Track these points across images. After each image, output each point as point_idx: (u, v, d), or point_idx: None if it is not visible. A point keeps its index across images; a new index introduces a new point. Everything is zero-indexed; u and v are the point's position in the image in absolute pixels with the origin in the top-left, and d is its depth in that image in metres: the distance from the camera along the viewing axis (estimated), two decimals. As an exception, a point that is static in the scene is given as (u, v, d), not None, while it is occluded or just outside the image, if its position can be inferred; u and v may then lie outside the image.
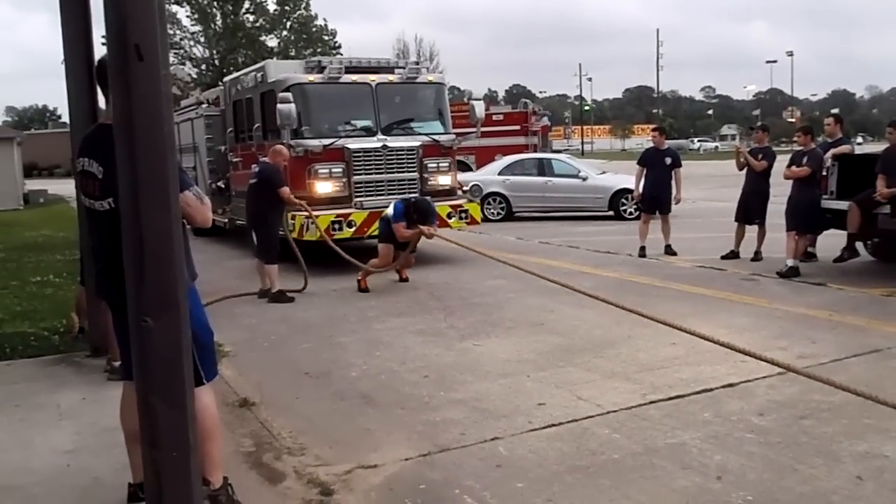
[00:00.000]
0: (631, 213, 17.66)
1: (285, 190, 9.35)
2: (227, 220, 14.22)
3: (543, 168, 19.13)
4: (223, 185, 14.52)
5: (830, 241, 10.39)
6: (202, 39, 45.96)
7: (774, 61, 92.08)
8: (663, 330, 6.97)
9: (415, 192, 11.45)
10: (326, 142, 11.25)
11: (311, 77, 11.59)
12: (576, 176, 18.71)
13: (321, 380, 6.06)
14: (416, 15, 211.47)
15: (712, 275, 10.13)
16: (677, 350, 6.42)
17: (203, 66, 46.08)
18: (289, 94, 10.90)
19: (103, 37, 2.67)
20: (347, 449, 4.57)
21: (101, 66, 3.37)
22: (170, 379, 2.72)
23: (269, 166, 9.39)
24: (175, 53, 43.44)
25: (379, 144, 11.57)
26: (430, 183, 11.93)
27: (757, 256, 10.87)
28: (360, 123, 11.86)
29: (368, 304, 8.87)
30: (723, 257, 11.07)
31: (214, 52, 46.13)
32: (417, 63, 13.24)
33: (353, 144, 11.42)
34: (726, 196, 22.14)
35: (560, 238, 14.43)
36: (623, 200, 17.93)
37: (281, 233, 9.80)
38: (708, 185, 26.95)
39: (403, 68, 12.49)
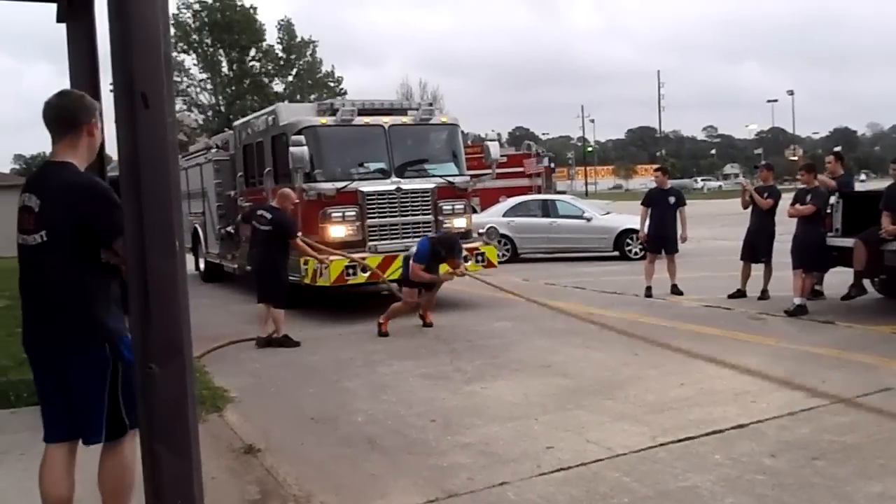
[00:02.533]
0: (636, 254, 17.65)
1: (297, 241, 9.33)
2: (236, 266, 14.03)
3: (548, 209, 19.21)
4: (233, 231, 14.31)
5: (837, 279, 10.35)
6: (209, 86, 46.56)
7: (775, 100, 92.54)
8: (671, 371, 6.95)
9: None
10: (339, 185, 11.09)
11: (324, 119, 11.48)
12: (580, 217, 18.76)
13: (327, 425, 6.01)
14: (412, 60, 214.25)
15: (719, 314, 10.08)
16: (686, 391, 6.37)
17: (209, 113, 46.62)
18: (301, 137, 10.80)
19: (111, 84, 2.71)
20: (354, 495, 4.51)
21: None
22: (174, 426, 2.69)
23: (283, 214, 9.32)
24: (182, 100, 43.97)
25: (393, 187, 11.40)
26: (445, 226, 11.68)
27: (764, 295, 10.81)
28: (374, 166, 11.74)
29: (374, 348, 8.83)
30: (730, 296, 11.03)
31: (221, 98, 46.69)
32: (431, 105, 12.88)
33: (367, 187, 11.25)
34: (731, 235, 22.13)
35: (566, 279, 14.40)
36: (628, 240, 17.93)
37: (292, 278, 9.69)
38: (712, 223, 26.95)
39: (417, 110, 12.34)
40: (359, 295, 10.08)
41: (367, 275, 10.60)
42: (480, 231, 12.44)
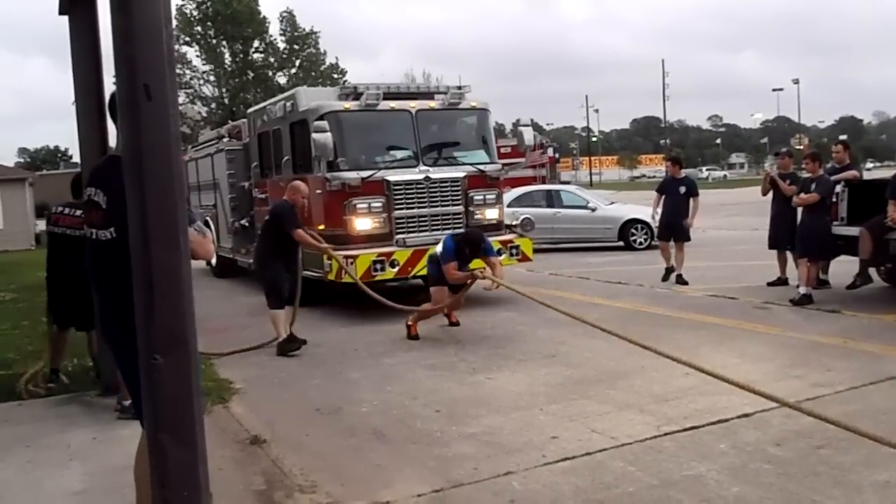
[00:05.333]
0: (641, 243, 17.67)
1: (299, 232, 8.53)
2: (251, 261, 13.04)
3: (552, 199, 19.17)
4: (247, 224, 13.71)
5: (843, 268, 10.32)
6: (212, 78, 46.55)
7: (781, 89, 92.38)
8: (676, 360, 6.94)
9: (460, 227, 10.56)
10: (365, 174, 10.38)
11: (347, 104, 10.76)
12: (585, 207, 18.74)
13: (332, 416, 6.02)
14: (405, 52, 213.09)
15: (725, 303, 10.07)
16: (691, 380, 6.35)
17: (213, 105, 46.61)
18: (324, 123, 10.14)
19: (114, 76, 2.70)
20: (359, 486, 4.52)
21: (112, 100, 3.43)
22: (179, 416, 2.70)
23: (283, 203, 8.76)
24: (185, 92, 43.98)
25: (421, 176, 10.72)
26: (476, 217, 11.06)
27: (778, 282, 10.81)
28: (400, 154, 11.11)
29: (379, 339, 8.83)
30: (769, 284, 10.91)
31: (224, 90, 46.68)
32: (460, 88, 11.78)
33: (394, 176, 10.55)
34: (737, 224, 22.10)
35: (570, 269, 14.39)
36: (633, 230, 17.93)
37: (309, 273, 9.30)
38: (718, 213, 26.92)
39: (445, 93, 11.60)
40: (390, 291, 9.82)
41: (395, 270, 10.12)
42: (514, 223, 11.78)
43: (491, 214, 11.36)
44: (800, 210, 10.01)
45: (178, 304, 2.68)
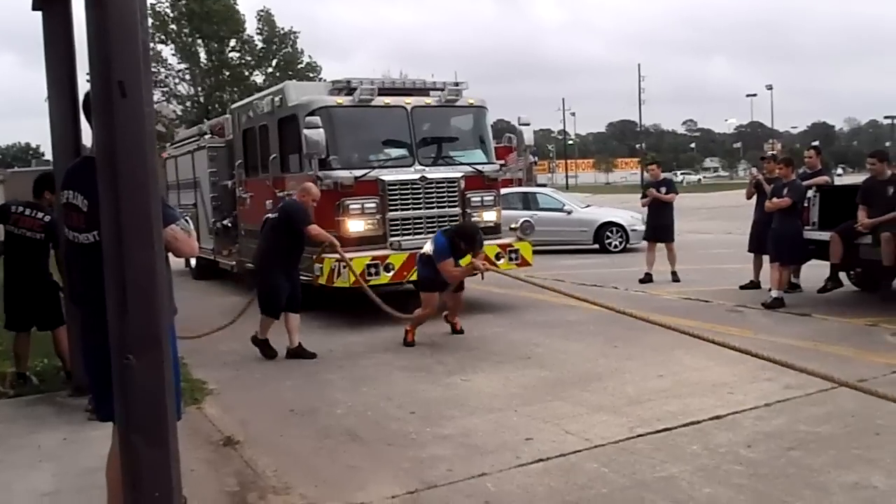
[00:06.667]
0: (616, 246, 17.82)
1: (313, 227, 8.07)
2: (234, 263, 12.68)
3: (528, 202, 19.24)
4: (230, 224, 13.07)
5: (814, 272, 10.45)
6: (187, 77, 46.16)
7: (754, 95, 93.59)
8: (650, 362, 7.01)
9: None
10: (358, 173, 9.89)
11: (340, 99, 10.22)
12: (560, 210, 18.83)
13: (307, 417, 6.00)
14: (379, 53, 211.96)
15: (698, 307, 10.15)
16: (664, 382, 6.41)
17: (188, 103, 46.22)
18: (316, 119, 9.60)
19: (88, 73, 2.68)
20: (333, 487, 4.50)
21: (87, 99, 3.40)
22: (151, 417, 2.68)
23: (294, 202, 8.24)
24: (160, 90, 43.57)
25: (416, 176, 10.24)
26: (473, 219, 10.48)
27: (751, 285, 10.92)
28: (395, 152, 10.60)
29: (354, 340, 8.81)
30: (742, 287, 11.02)
31: (199, 89, 46.33)
32: (457, 84, 11.13)
33: (388, 176, 10.07)
34: (712, 228, 22.34)
35: (545, 272, 14.39)
36: (608, 233, 18.06)
37: (305, 278, 8.95)
38: (693, 217, 27.13)
39: (442, 90, 10.98)
40: (385, 296, 9.39)
41: (390, 275, 9.61)
42: (513, 226, 11.10)
43: (489, 217, 10.92)
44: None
45: (153, 304, 2.66)
